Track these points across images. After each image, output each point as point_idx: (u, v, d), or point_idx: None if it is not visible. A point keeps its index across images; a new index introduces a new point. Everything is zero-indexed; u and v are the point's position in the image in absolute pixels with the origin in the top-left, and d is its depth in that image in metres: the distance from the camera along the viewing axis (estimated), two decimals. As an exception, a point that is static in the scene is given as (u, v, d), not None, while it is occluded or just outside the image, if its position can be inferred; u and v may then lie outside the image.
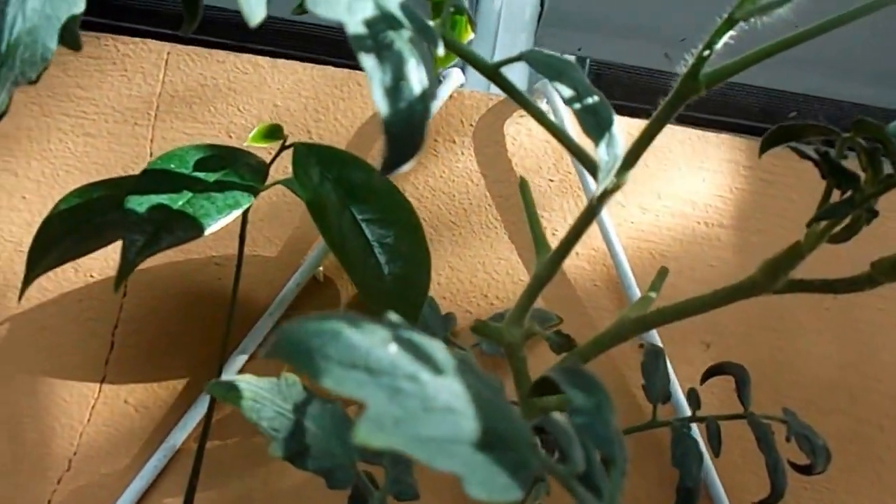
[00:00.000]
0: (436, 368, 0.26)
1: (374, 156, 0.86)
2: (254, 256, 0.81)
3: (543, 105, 0.89)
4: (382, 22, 0.32)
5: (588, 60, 1.35)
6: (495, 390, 0.28)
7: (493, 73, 0.46)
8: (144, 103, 0.81)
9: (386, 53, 0.31)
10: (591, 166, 0.47)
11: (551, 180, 0.90)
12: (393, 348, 0.26)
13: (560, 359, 0.59)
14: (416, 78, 0.31)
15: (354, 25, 0.32)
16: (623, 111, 0.76)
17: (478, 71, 0.45)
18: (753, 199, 0.93)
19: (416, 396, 0.25)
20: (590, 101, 0.41)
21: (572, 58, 1.06)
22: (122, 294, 0.78)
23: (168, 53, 0.83)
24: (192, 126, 0.82)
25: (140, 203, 0.55)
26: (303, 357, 0.25)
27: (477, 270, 0.87)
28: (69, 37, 0.40)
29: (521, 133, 0.90)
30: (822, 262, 0.58)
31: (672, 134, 0.92)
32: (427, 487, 0.75)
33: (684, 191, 0.92)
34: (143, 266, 0.78)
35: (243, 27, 0.32)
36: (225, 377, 0.77)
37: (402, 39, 0.32)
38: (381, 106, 0.31)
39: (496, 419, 0.26)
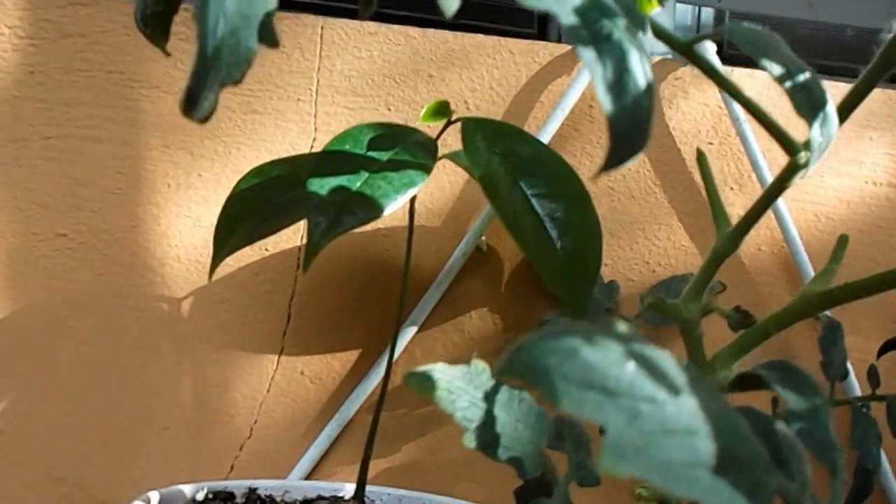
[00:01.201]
0: (672, 387, 0.26)
1: (531, 125, 0.85)
2: (418, 227, 0.82)
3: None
4: (595, 9, 0.32)
5: (728, 12, 1.30)
6: (726, 405, 0.28)
7: (687, 49, 0.44)
8: (305, 79, 0.83)
9: (605, 45, 0.31)
10: (789, 144, 0.46)
11: (710, 143, 0.87)
12: (630, 367, 0.25)
13: (737, 336, 0.58)
14: (640, 71, 0.31)
15: (566, 16, 0.31)
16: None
17: (672, 48, 0.44)
18: (925, 157, 0.88)
19: (656, 419, 0.25)
20: (801, 78, 0.39)
21: (711, 11, 1.02)
22: (295, 266, 0.81)
23: (322, 27, 0.84)
24: (353, 100, 0.83)
25: (321, 185, 0.57)
26: (539, 377, 0.25)
27: (637, 237, 0.85)
28: (266, 34, 0.41)
29: (678, 95, 0.87)
30: None
31: (834, 89, 0.87)
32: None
33: (851, 150, 0.88)
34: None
35: None
36: (399, 350, 0.79)
37: (619, 29, 0.31)
38: (605, 102, 0.30)
39: (733, 439, 0.26)
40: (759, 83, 0.88)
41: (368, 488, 0.73)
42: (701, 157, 0.58)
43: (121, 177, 0.79)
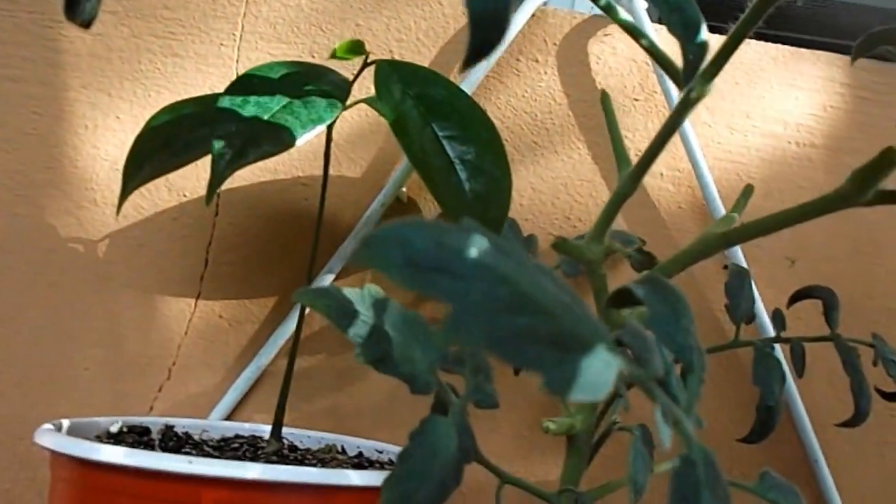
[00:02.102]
0: (517, 271, 0.26)
1: (457, 78, 0.85)
2: (338, 177, 0.82)
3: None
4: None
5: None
6: (575, 296, 0.28)
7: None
8: (229, 24, 0.82)
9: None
10: (675, 73, 0.46)
11: (636, 99, 0.88)
12: (475, 252, 0.26)
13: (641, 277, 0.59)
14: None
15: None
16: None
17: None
18: (849, 118, 0.89)
19: (499, 298, 0.25)
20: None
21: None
22: (213, 213, 0.80)
23: (252, -25, 0.84)
24: (276, 46, 0.83)
25: (233, 103, 0.57)
26: (388, 262, 0.25)
27: (559, 192, 0.86)
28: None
29: (606, 52, 0.88)
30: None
31: (764, 51, 0.89)
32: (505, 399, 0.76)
33: (775, 110, 0.89)
34: (231, 185, 0.81)
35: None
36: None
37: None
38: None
39: (577, 322, 0.27)
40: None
41: (288, 430, 0.73)
42: (605, 98, 0.59)
43: (37, 117, 0.78)
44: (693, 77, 0.41)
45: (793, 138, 0.90)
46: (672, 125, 0.52)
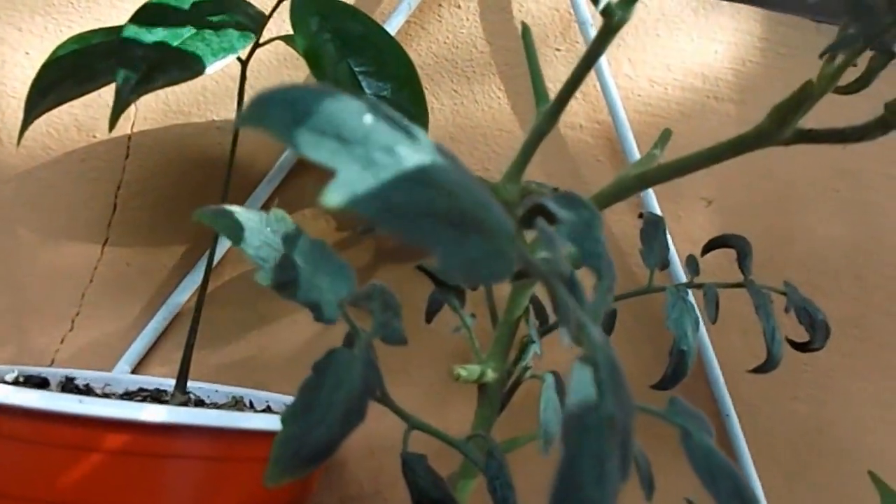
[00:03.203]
0: (413, 145, 0.25)
1: (378, 18, 0.84)
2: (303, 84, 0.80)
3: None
4: None
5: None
6: (477, 181, 0.27)
7: None
8: (142, -38, 0.79)
9: None
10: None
11: (558, 49, 0.88)
12: (368, 119, 0.25)
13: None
14: None
15: None
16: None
17: None
18: (768, 73, 0.90)
19: (390, 168, 0.24)
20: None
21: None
22: (124, 155, 0.77)
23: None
24: (191, -14, 0.80)
25: (137, 32, 0.54)
26: (276, 123, 0.24)
27: (477, 141, 0.85)
28: None
29: (529, 0, 0.87)
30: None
31: (685, 3, 0.89)
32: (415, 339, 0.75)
33: (696, 63, 0.90)
34: (144, 128, 0.78)
35: None
36: (227, 247, 0.77)
37: None
38: None
39: (476, 206, 0.26)
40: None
41: (196, 385, 0.71)
42: (525, 31, 0.58)
43: (-65, 52, 0.74)
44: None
45: (711, 92, 0.90)
46: (594, 53, 0.51)
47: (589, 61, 0.51)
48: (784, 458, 0.86)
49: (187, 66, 0.54)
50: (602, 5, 0.41)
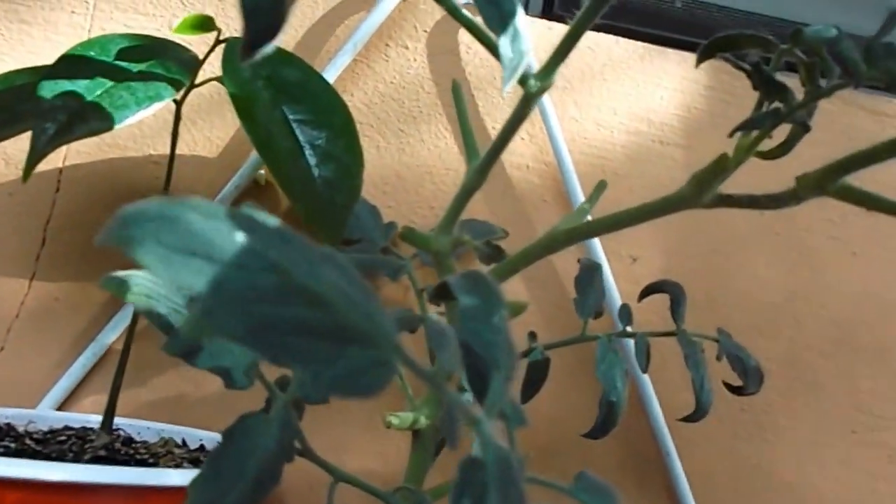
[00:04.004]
0: (294, 260, 0.25)
1: (323, 59, 0.83)
2: (193, 157, 0.79)
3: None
4: None
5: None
6: (364, 288, 0.27)
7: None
8: (84, -8, 0.78)
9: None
10: (522, 78, 0.46)
11: (506, 92, 0.87)
12: (240, 236, 0.24)
13: (490, 269, 0.58)
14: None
15: None
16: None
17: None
18: (712, 120, 0.91)
19: (263, 287, 0.24)
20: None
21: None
22: (54, 189, 0.76)
23: (111, -60, 0.80)
24: (133, 18, 0.79)
25: (52, 89, 0.53)
26: (135, 243, 0.23)
27: (424, 180, 0.85)
28: None
29: (476, 42, 0.87)
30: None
31: (633, 49, 0.90)
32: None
33: (641, 108, 0.90)
34: (77, 161, 0.77)
35: None
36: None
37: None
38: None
39: (358, 316, 0.25)
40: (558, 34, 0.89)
41: (125, 422, 0.70)
42: (456, 89, 0.58)
43: None
44: (513, 74, 0.40)
45: (657, 137, 0.91)
46: (516, 119, 0.51)
47: (512, 126, 0.50)
48: (724, 496, 0.87)
49: (108, 116, 0.53)
50: (516, 77, 0.41)
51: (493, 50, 0.46)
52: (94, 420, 0.68)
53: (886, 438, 0.89)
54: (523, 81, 0.47)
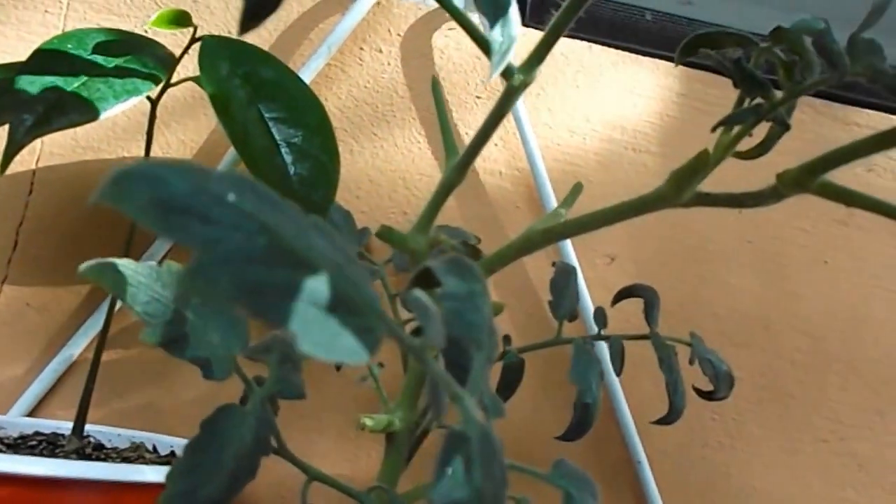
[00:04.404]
0: (284, 224, 0.25)
1: (297, 62, 0.83)
2: (167, 159, 0.79)
3: (476, 18, 0.87)
4: None
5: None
6: (349, 257, 0.27)
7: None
8: (56, -7, 0.77)
9: None
10: (506, 70, 0.46)
11: (478, 97, 0.88)
12: (232, 197, 0.24)
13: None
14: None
15: None
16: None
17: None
18: (684, 128, 0.92)
19: (255, 248, 0.24)
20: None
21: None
22: (27, 191, 0.75)
23: (85, -57, 0.79)
24: (107, 18, 0.78)
25: (31, 82, 0.53)
26: (134, 200, 0.23)
27: (397, 185, 0.85)
28: None
29: (450, 46, 0.88)
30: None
31: (606, 56, 0.91)
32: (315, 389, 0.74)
33: (614, 115, 0.91)
34: (51, 163, 0.76)
35: None
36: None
37: None
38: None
39: (344, 283, 0.25)
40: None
41: (95, 428, 0.69)
42: (435, 86, 0.58)
43: None
44: (503, 59, 0.40)
45: (630, 144, 0.91)
46: (498, 113, 0.51)
47: (494, 121, 0.51)
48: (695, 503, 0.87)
49: (87, 108, 0.53)
50: (501, 68, 0.41)
51: (477, 38, 0.47)
52: (66, 427, 0.67)
53: (856, 447, 0.90)
54: (507, 75, 0.47)
